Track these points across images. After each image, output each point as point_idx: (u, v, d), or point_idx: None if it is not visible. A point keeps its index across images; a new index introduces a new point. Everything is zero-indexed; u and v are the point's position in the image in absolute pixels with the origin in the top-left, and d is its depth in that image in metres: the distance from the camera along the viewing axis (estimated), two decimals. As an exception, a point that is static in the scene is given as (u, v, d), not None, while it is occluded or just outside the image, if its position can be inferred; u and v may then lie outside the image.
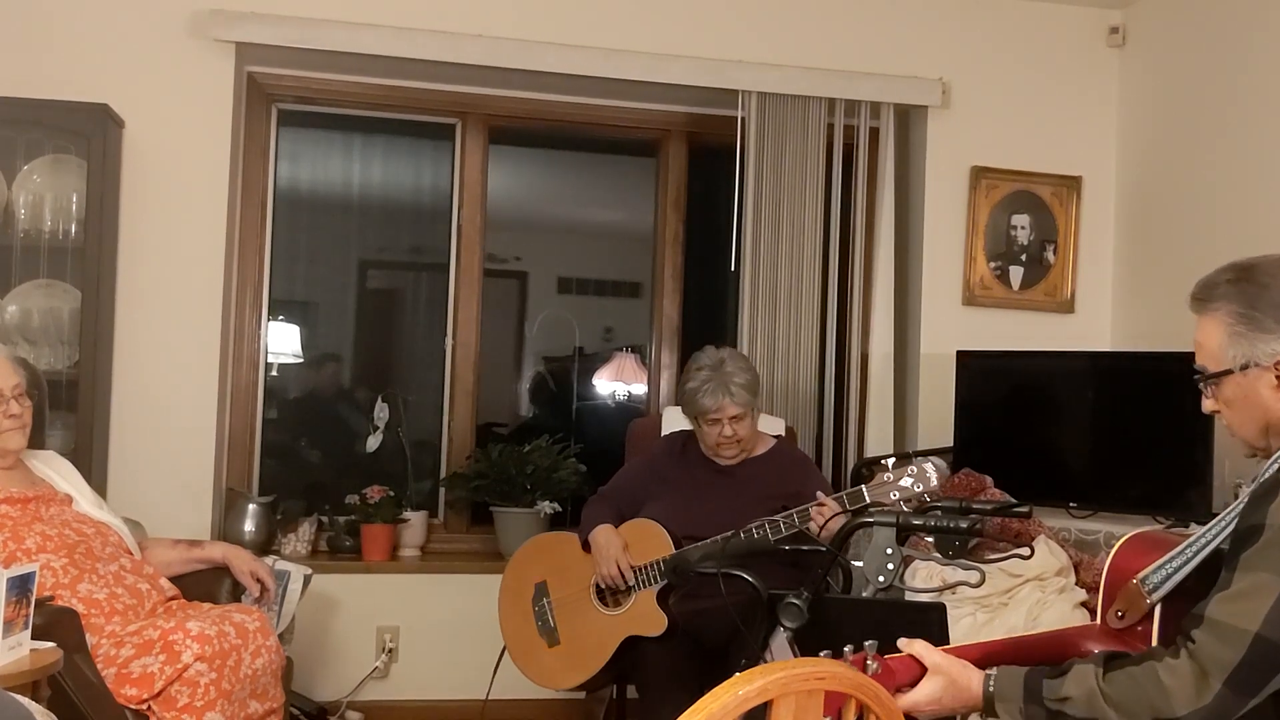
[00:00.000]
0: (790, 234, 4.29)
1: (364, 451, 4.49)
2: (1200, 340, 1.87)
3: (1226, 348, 1.82)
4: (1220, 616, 1.65)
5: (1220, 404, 1.87)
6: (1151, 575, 1.80)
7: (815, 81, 4.29)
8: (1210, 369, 1.86)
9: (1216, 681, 1.62)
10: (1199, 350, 1.88)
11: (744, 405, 3.38)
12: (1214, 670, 1.63)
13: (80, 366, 3.71)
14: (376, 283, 5.24)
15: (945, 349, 4.26)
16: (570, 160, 5.47)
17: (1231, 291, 1.82)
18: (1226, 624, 1.64)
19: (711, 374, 3.37)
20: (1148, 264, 4.37)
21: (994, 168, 4.47)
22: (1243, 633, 1.62)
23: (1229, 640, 1.63)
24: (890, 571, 2.33)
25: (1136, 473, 3.72)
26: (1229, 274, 1.85)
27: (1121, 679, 1.69)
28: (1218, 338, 1.83)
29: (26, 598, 2.29)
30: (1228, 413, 1.87)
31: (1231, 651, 1.63)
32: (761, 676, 1.32)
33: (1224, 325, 1.82)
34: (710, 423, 3.40)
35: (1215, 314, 1.84)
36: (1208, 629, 1.66)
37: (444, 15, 4.11)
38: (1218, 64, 4.04)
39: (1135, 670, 1.69)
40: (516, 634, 3.50)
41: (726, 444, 3.42)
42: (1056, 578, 3.31)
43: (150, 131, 3.93)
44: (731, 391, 3.35)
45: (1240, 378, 1.82)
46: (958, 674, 1.79)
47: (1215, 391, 1.87)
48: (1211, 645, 1.64)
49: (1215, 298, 1.84)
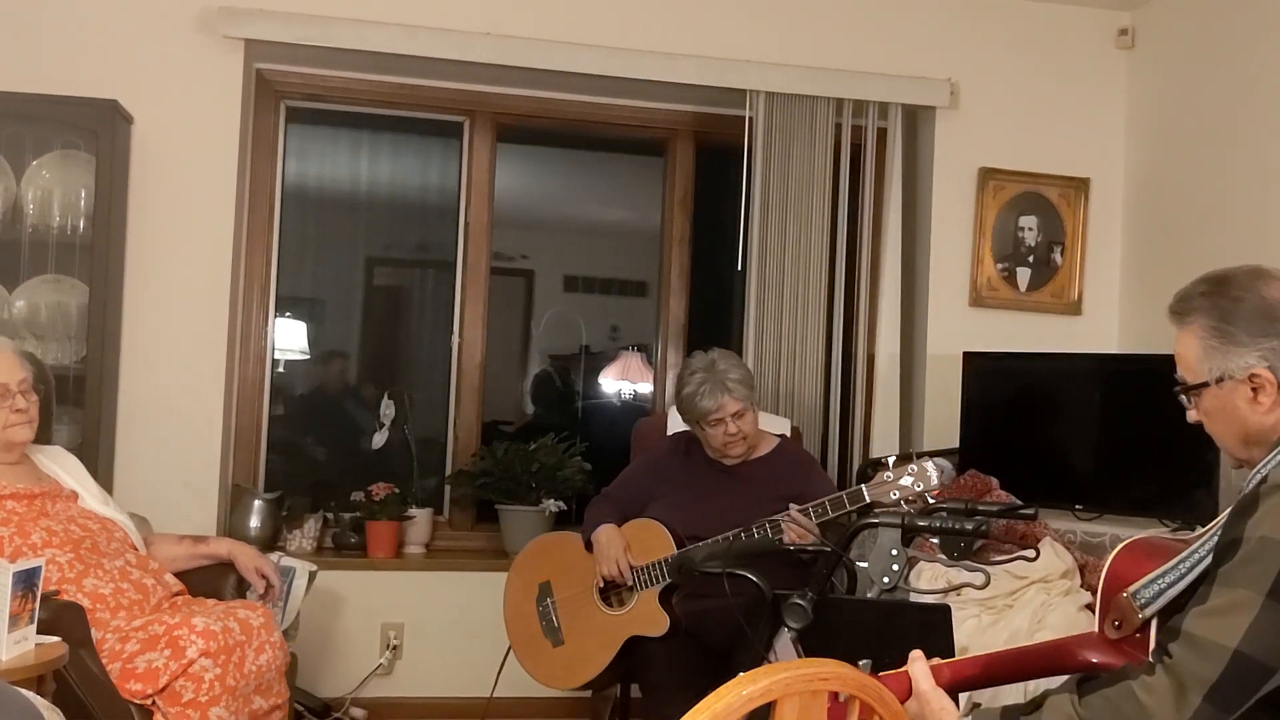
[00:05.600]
0: (797, 234, 4.28)
1: (370, 448, 4.51)
2: (1179, 352, 1.87)
3: (1202, 361, 1.82)
4: (1198, 631, 1.62)
5: (1201, 415, 1.87)
6: (1143, 590, 1.76)
7: (823, 81, 4.29)
8: (1189, 381, 1.86)
9: (1195, 696, 1.59)
10: (1179, 362, 1.88)
11: (743, 400, 3.38)
12: (1192, 685, 1.60)
13: (87, 362, 3.71)
14: (383, 280, 5.25)
15: (952, 350, 4.25)
16: (578, 159, 5.47)
17: (1205, 305, 1.82)
18: (1205, 639, 1.61)
19: (706, 375, 3.38)
20: (1155, 266, 4.36)
21: (1002, 169, 4.47)
22: (1221, 648, 1.60)
23: (1207, 655, 1.60)
24: (895, 573, 2.33)
25: (1143, 475, 3.70)
26: (1203, 286, 1.84)
27: (1098, 703, 1.65)
28: (1194, 351, 1.83)
29: (32, 592, 2.29)
30: (1209, 424, 1.87)
31: (1210, 667, 1.60)
32: (766, 676, 1.32)
33: (1199, 339, 1.82)
34: (713, 424, 3.40)
35: (1190, 327, 1.84)
36: (1185, 644, 1.63)
37: (452, 13, 4.11)
38: (1227, 66, 4.03)
39: (1110, 693, 1.65)
40: (521, 634, 3.52)
41: (733, 442, 3.42)
42: (1062, 580, 3.31)
43: (159, 128, 3.94)
44: (729, 388, 3.35)
45: (1216, 390, 1.82)
46: (931, 711, 1.75)
47: (1196, 403, 1.87)
48: (1189, 660, 1.61)
49: (1190, 310, 1.84)
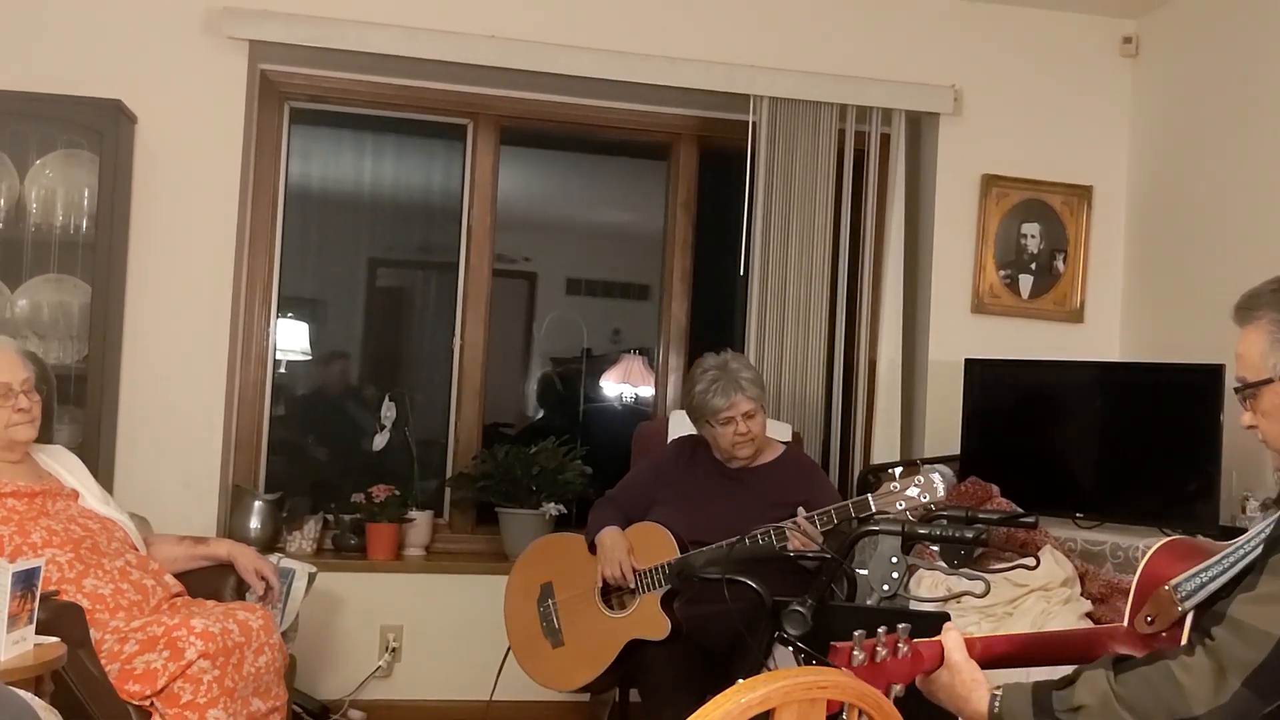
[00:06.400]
0: (800, 239, 4.28)
1: (370, 450, 4.50)
2: (1241, 351, 1.85)
3: (1268, 355, 1.80)
4: (1243, 617, 1.62)
5: (1258, 416, 1.85)
6: (1185, 583, 1.77)
7: (827, 87, 4.29)
8: (1250, 379, 1.83)
9: (1235, 680, 1.59)
10: (1240, 362, 1.86)
11: (755, 400, 3.40)
12: (1233, 668, 1.60)
13: (89, 361, 3.72)
14: (386, 281, 5.25)
15: (953, 357, 4.25)
16: (581, 162, 5.47)
17: (1276, 300, 1.81)
18: (1249, 625, 1.61)
19: (719, 374, 3.39)
20: (1158, 274, 4.35)
21: (1005, 176, 4.46)
22: (1266, 635, 1.60)
23: (1251, 641, 1.60)
24: (895, 580, 2.33)
25: (1144, 484, 3.70)
26: (1274, 284, 1.83)
27: (1134, 680, 1.65)
28: (1260, 346, 1.81)
29: (31, 592, 2.29)
30: (1265, 424, 1.84)
31: (1253, 652, 1.60)
32: (765, 684, 1.32)
33: (1266, 333, 1.80)
34: (724, 423, 3.39)
35: (1258, 322, 1.82)
36: (1229, 627, 1.63)
37: (456, 16, 4.11)
38: (1230, 75, 4.03)
39: (1147, 670, 1.65)
40: (521, 634, 3.51)
41: (742, 442, 3.41)
42: (1062, 588, 3.30)
43: (162, 128, 3.94)
44: (742, 386, 3.36)
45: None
46: (962, 681, 1.76)
47: (1254, 404, 1.84)
48: (1232, 644, 1.61)
49: (1259, 306, 1.83)
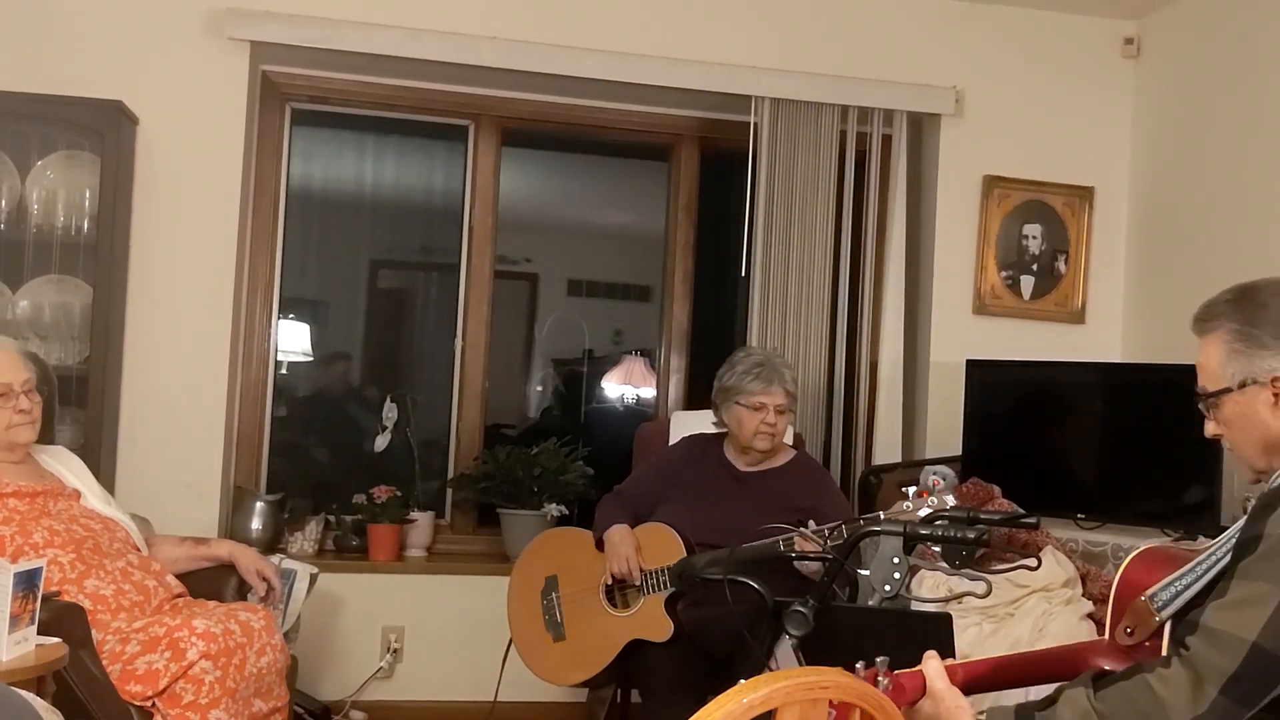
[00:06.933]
0: (801, 240, 4.28)
1: (372, 451, 4.50)
2: (1201, 361, 1.89)
3: (1225, 365, 1.83)
4: (1217, 624, 1.63)
5: (1221, 425, 1.88)
6: (1160, 593, 1.78)
7: (828, 88, 4.29)
8: (1210, 389, 1.87)
9: (1212, 688, 1.60)
10: (1200, 372, 1.89)
11: (789, 397, 3.47)
12: (1209, 677, 1.61)
13: (90, 362, 3.71)
14: (387, 282, 5.25)
15: (955, 358, 4.25)
16: (582, 163, 5.48)
17: (1231, 310, 1.84)
18: (1223, 632, 1.62)
19: (763, 360, 3.50)
20: (1159, 276, 4.35)
21: (1006, 177, 4.46)
22: (1240, 641, 1.60)
23: (1225, 648, 1.61)
24: (896, 581, 2.32)
25: (1145, 485, 3.70)
26: (1229, 294, 1.87)
27: (1114, 695, 1.66)
28: (1217, 356, 1.85)
29: (33, 593, 2.29)
30: (1228, 434, 1.87)
31: (1228, 659, 1.60)
32: (766, 684, 1.32)
33: (1223, 343, 1.84)
34: (755, 408, 3.42)
35: (1215, 333, 1.86)
36: (1203, 636, 1.64)
37: (458, 17, 4.11)
38: (1232, 76, 4.02)
39: (1126, 685, 1.66)
40: (523, 626, 3.50)
41: (764, 434, 3.43)
42: (1063, 589, 3.30)
43: (164, 129, 3.94)
44: (784, 378, 3.44)
45: (1239, 395, 1.83)
46: (946, 709, 1.75)
47: (1216, 413, 1.88)
48: (1207, 652, 1.62)
49: (1215, 317, 1.86)
